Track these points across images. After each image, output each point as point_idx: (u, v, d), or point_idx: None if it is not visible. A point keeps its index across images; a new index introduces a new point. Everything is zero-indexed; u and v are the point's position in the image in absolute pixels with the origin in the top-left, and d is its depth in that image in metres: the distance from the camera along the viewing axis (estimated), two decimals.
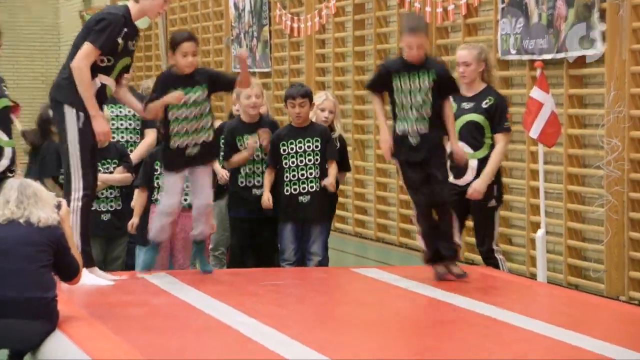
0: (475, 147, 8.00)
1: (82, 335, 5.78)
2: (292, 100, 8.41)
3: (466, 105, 8.03)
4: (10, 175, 7.46)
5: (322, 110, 8.51)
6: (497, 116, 7.97)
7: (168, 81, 7.69)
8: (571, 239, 9.18)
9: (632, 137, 8.52)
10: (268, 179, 8.41)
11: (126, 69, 7.50)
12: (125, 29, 7.23)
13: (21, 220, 5.98)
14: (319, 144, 8.34)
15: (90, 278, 7.25)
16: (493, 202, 8.08)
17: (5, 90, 7.70)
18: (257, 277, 7.94)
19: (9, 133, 7.64)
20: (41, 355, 5.91)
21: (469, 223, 8.64)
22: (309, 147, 8.32)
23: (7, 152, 7.62)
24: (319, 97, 8.67)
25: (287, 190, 8.30)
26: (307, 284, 7.91)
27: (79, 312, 6.30)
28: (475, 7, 10.36)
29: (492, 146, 8.02)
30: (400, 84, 7.43)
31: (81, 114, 7.17)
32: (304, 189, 8.31)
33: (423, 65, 7.46)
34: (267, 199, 8.35)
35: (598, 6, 8.69)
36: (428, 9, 10.79)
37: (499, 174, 8.14)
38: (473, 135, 7.98)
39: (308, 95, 8.47)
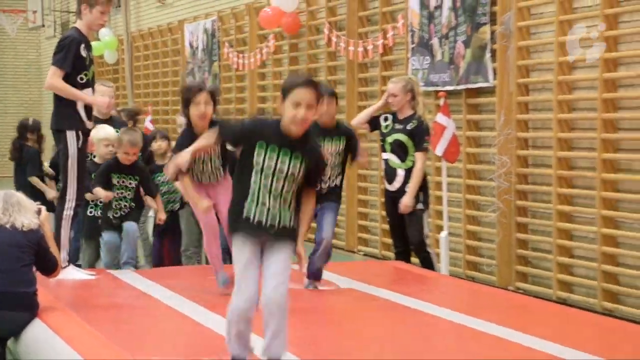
0: (402, 159, 7.83)
1: (58, 323, 5.70)
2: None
3: (397, 126, 7.87)
4: None
5: None
6: (418, 138, 7.79)
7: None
8: (469, 239, 9.24)
9: (518, 155, 8.61)
10: None
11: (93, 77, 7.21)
12: (83, 43, 7.07)
13: (7, 226, 5.90)
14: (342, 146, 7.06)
15: (75, 273, 7.19)
16: (420, 206, 7.90)
17: None
18: (209, 272, 7.84)
19: None
20: (22, 340, 5.82)
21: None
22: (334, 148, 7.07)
23: None
24: None
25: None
26: None
27: (56, 304, 6.20)
28: (390, 47, 10.41)
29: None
30: None
31: (80, 134, 7.05)
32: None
33: None
34: None
35: (490, 47, 8.78)
36: (351, 48, 10.83)
37: (425, 183, 7.94)
38: (400, 150, 7.82)
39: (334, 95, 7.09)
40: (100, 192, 7.75)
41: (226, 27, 14.12)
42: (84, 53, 7.01)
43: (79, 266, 7.96)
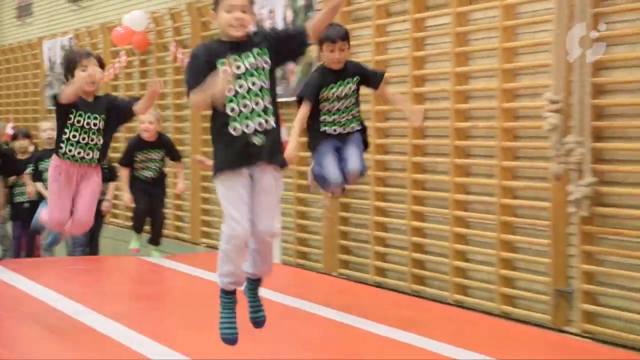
0: None
1: None
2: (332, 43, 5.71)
3: None
4: None
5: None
6: None
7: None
8: (299, 231, 9.43)
9: None
10: None
11: None
12: None
13: None
14: None
15: None
16: None
17: None
18: (66, 263, 7.79)
19: None
20: None
21: None
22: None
23: None
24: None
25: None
26: (102, 268, 7.83)
27: None
28: None
29: None
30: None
31: None
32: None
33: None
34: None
35: (315, 65, 9.00)
36: None
37: None
38: None
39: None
40: None
41: (82, 44, 13.98)
42: None
43: None
